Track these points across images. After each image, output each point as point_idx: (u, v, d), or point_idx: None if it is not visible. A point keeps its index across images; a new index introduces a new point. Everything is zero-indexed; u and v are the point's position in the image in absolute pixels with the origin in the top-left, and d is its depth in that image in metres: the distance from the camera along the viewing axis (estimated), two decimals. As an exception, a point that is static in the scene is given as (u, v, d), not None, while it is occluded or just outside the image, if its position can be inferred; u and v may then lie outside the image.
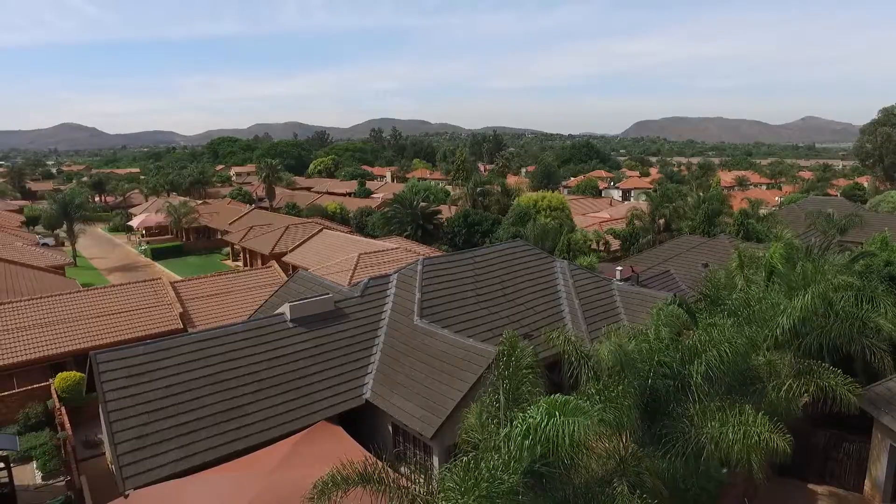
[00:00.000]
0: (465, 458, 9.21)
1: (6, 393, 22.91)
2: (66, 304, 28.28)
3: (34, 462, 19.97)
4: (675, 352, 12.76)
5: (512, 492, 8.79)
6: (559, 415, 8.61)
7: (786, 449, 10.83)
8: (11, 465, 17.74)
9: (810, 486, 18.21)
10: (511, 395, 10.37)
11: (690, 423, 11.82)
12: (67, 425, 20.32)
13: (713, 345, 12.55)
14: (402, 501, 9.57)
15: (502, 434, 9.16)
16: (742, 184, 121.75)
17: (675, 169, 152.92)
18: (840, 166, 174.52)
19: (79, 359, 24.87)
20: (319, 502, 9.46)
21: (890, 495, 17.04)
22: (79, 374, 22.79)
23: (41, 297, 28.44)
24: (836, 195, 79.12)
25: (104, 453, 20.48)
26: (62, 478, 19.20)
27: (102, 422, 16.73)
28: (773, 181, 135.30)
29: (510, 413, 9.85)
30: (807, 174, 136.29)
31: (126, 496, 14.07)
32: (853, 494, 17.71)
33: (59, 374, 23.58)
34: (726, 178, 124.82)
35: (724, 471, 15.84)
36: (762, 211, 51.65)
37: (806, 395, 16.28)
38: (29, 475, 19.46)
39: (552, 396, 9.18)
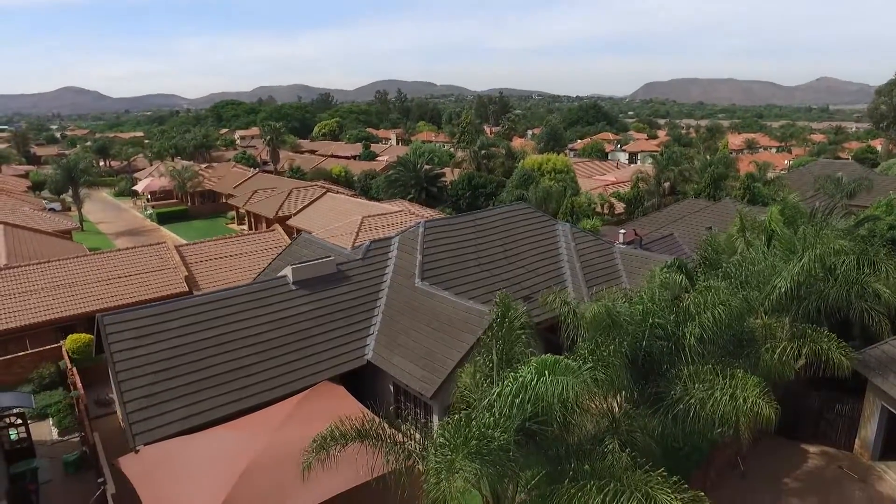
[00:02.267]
0: (456, 416, 9.49)
1: (19, 354, 23.51)
2: (74, 268, 28.67)
3: (50, 419, 20.68)
4: (670, 314, 12.88)
5: (503, 449, 9.06)
6: (549, 374, 8.82)
7: (771, 414, 11.01)
8: (28, 421, 18.38)
9: (802, 445, 18.61)
10: (504, 355, 10.59)
11: (683, 385, 12.04)
12: (79, 385, 20.91)
13: (708, 307, 12.67)
14: (397, 456, 9.91)
15: (494, 392, 9.40)
16: (751, 147, 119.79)
17: (684, 132, 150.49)
18: (853, 129, 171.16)
19: (88, 321, 25.37)
20: (318, 456, 9.81)
21: (879, 453, 17.45)
22: (88, 335, 23.29)
23: (49, 262, 28.82)
24: (848, 158, 77.88)
25: (115, 412, 21.13)
26: (77, 434, 19.89)
27: (112, 381, 17.22)
28: (783, 144, 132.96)
29: (502, 373, 10.08)
30: (818, 137, 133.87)
31: (137, 451, 14.63)
32: (843, 453, 18.11)
33: (70, 335, 24.12)
34: (735, 140, 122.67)
35: (718, 430, 16.23)
36: (769, 174, 51.08)
37: (801, 358, 16.49)
38: (46, 431, 20.17)
39: (543, 356, 9.37)
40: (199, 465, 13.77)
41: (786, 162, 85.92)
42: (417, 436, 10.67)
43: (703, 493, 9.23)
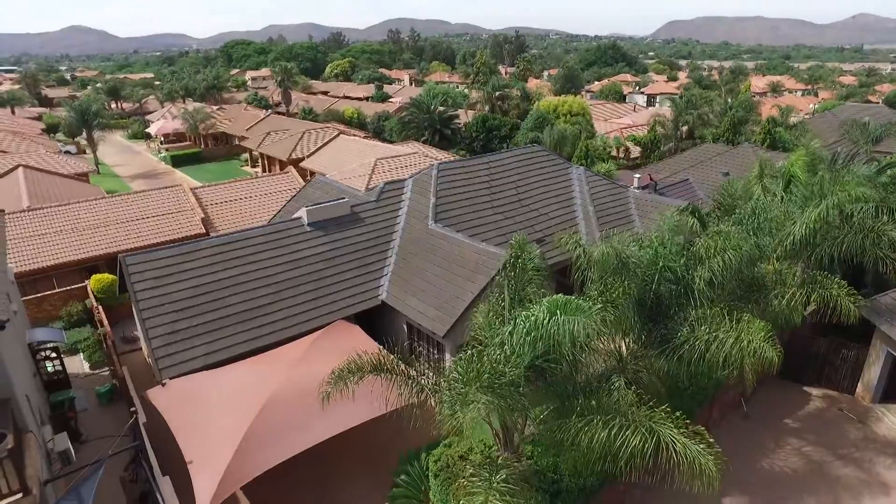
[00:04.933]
0: (469, 351, 9.86)
1: (48, 293, 24.37)
2: (94, 211, 29.16)
3: (81, 354, 21.67)
4: (680, 257, 12.98)
5: (513, 384, 9.44)
6: (560, 313, 9.06)
7: (774, 358, 11.23)
8: (62, 356, 19.31)
9: (805, 388, 19.03)
10: (516, 295, 10.85)
11: (690, 327, 12.27)
12: (105, 322, 21.74)
13: (718, 252, 12.74)
14: (411, 391, 10.39)
15: (506, 331, 9.71)
16: (775, 90, 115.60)
17: (706, 74, 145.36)
18: (888, 70, 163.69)
19: (110, 262, 26.08)
20: (336, 388, 10.32)
21: (880, 396, 17.85)
22: (111, 276, 23.98)
23: (69, 204, 29.32)
24: (878, 102, 75.07)
25: (140, 348, 22.04)
26: (106, 368, 20.88)
27: (136, 319, 17.91)
28: (809, 87, 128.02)
29: (514, 312, 10.36)
30: (848, 79, 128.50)
31: (163, 384, 15.39)
32: (845, 396, 18.52)
33: (93, 275, 24.86)
34: (759, 83, 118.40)
35: (723, 372, 16.62)
36: (792, 119, 49.58)
37: (811, 304, 16.62)
38: (78, 365, 21.20)
39: (555, 297, 9.60)
40: (222, 397, 14.47)
41: (811, 106, 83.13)
42: (430, 373, 11.11)
43: (703, 428, 9.60)
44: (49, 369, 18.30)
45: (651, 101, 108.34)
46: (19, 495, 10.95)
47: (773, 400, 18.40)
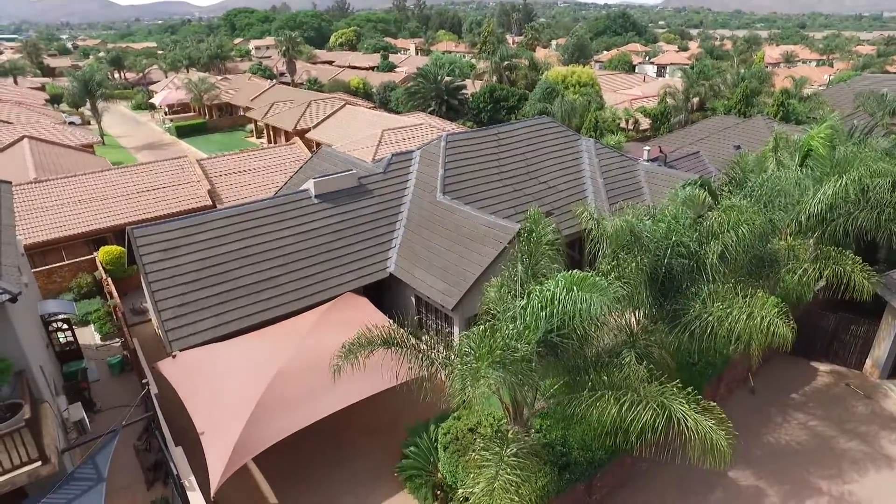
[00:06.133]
0: (481, 326, 9.82)
1: (57, 265, 24.48)
2: (101, 182, 29.06)
3: (92, 325, 21.85)
4: (692, 232, 12.83)
5: (525, 359, 9.42)
6: (577, 290, 8.98)
7: (788, 334, 11.15)
8: (73, 327, 19.47)
9: (813, 363, 19.02)
10: (530, 269, 10.76)
11: (701, 303, 12.19)
12: (115, 294, 21.87)
13: (731, 226, 12.57)
14: (420, 364, 10.40)
15: (519, 305, 9.65)
16: (788, 60, 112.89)
17: (717, 43, 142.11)
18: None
19: (118, 234, 26.11)
20: (346, 362, 10.34)
21: (888, 372, 17.83)
22: (119, 248, 24.04)
23: (76, 175, 29.22)
24: None
25: (150, 319, 22.21)
26: (117, 339, 21.08)
27: (145, 291, 17.97)
28: (824, 57, 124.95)
29: (527, 286, 10.28)
30: (865, 49, 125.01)
31: (174, 356, 15.51)
32: (853, 372, 18.51)
33: (102, 247, 24.91)
34: (772, 53, 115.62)
35: (733, 347, 16.61)
36: (806, 90, 48.52)
37: (822, 279, 16.47)
38: (89, 336, 21.40)
39: (570, 272, 9.50)
40: (232, 369, 14.58)
41: (825, 77, 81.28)
42: (439, 346, 11.11)
43: (715, 405, 9.60)
44: (61, 340, 18.47)
45: (661, 71, 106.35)
46: (38, 463, 11.14)
47: (781, 375, 18.42)
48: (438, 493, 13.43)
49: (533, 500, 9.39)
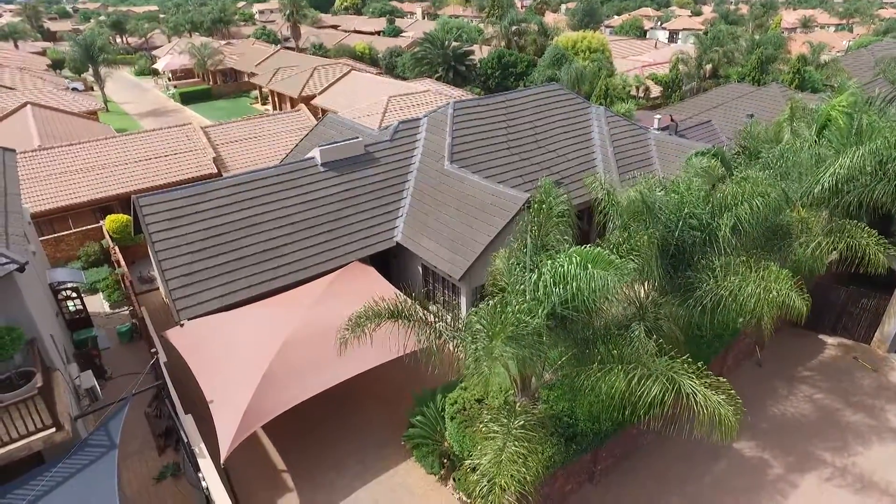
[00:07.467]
0: (491, 302, 9.72)
1: (64, 233, 24.50)
2: (106, 150, 28.82)
3: (100, 294, 21.97)
4: (705, 204, 12.59)
5: (536, 333, 9.33)
6: (591, 266, 8.84)
7: (803, 307, 11.00)
8: (82, 295, 19.58)
9: (821, 336, 18.95)
10: (539, 241, 10.60)
11: (713, 276, 12.03)
12: (122, 263, 21.91)
13: (745, 198, 12.31)
14: (428, 336, 10.35)
15: (531, 279, 9.52)
16: (806, 25, 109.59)
17: (732, 7, 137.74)
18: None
19: (124, 203, 26.02)
20: (353, 333, 10.32)
21: (898, 346, 17.76)
22: (126, 216, 23.99)
23: (81, 143, 28.97)
24: (917, 38, 71.01)
25: (157, 288, 22.30)
26: (126, 308, 21.21)
27: (152, 260, 17.95)
28: (844, 22, 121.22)
29: (537, 259, 10.15)
30: (888, 12, 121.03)
31: (182, 325, 15.58)
32: (861, 345, 18.44)
33: (108, 216, 24.87)
34: (790, 18, 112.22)
35: (742, 320, 16.50)
36: (824, 57, 47.13)
37: (834, 252, 16.22)
38: (98, 305, 21.54)
39: (583, 247, 9.34)
40: (240, 338, 14.64)
41: (844, 43, 78.96)
42: (447, 316, 11.04)
43: (725, 380, 9.53)
44: (70, 309, 18.59)
45: (673, 37, 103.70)
46: (52, 430, 11.31)
47: (788, 348, 18.38)
48: (445, 461, 13.61)
49: (539, 471, 9.43)
